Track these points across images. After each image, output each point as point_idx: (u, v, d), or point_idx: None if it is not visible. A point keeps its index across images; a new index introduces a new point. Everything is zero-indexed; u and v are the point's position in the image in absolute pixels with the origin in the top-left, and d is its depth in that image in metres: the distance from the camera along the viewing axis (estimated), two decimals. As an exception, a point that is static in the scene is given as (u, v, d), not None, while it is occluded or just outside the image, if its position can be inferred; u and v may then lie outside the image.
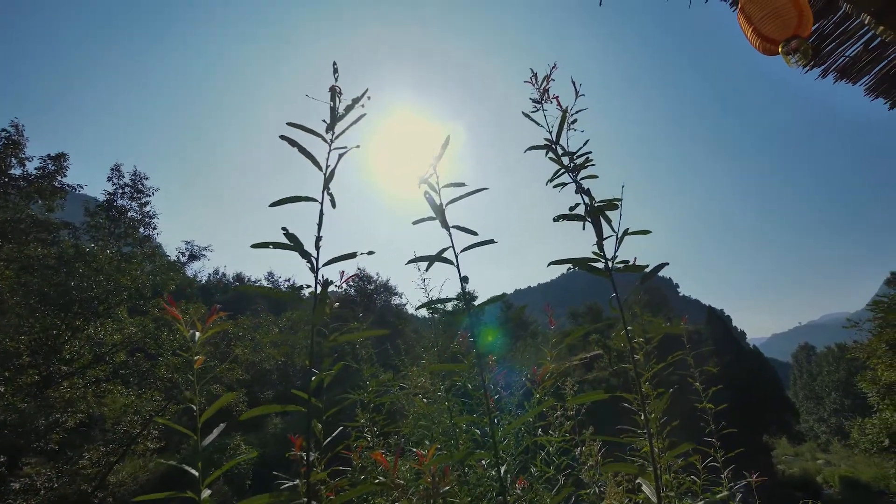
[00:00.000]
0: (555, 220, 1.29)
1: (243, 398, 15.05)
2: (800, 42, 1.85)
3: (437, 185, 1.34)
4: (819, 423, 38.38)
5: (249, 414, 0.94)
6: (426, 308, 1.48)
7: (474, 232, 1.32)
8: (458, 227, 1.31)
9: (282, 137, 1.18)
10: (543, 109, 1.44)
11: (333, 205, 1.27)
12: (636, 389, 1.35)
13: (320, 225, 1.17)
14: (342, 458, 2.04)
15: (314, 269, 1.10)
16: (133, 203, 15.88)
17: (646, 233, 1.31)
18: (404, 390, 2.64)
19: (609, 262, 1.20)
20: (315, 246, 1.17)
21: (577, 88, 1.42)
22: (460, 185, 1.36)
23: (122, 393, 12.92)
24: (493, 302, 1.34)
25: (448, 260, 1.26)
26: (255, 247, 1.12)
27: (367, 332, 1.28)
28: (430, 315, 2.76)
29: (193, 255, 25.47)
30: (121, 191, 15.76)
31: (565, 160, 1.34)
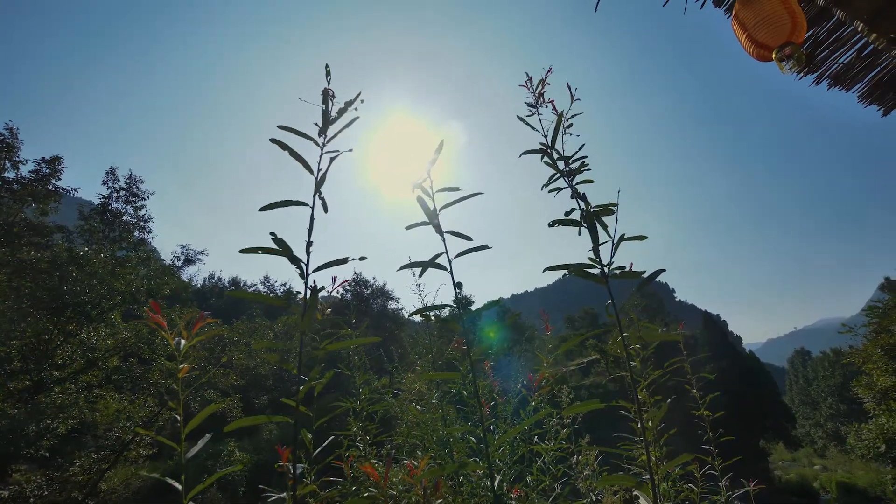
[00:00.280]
0: (550, 225, 1.27)
1: (238, 404, 14.88)
2: (793, 48, 1.85)
3: (432, 189, 1.32)
4: (815, 429, 38.39)
5: (234, 425, 0.91)
6: (419, 315, 1.46)
7: (469, 237, 1.30)
8: (452, 233, 1.28)
9: (272, 141, 1.16)
10: (539, 114, 1.43)
11: (325, 209, 1.25)
12: (633, 397, 1.32)
13: (311, 230, 1.14)
14: (334, 468, 2.00)
15: (304, 275, 1.08)
16: (128, 207, 15.80)
17: (642, 238, 1.29)
18: (398, 397, 2.60)
19: (605, 269, 1.18)
20: (305, 251, 1.14)
21: (572, 93, 1.41)
22: (454, 189, 1.34)
23: (114, 398, 12.75)
24: (487, 308, 1.31)
25: (441, 266, 1.24)
26: (244, 252, 1.09)
27: (359, 340, 1.25)
28: (425, 321, 2.73)
29: (189, 260, 25.32)
30: (116, 194, 15.69)
31: (561, 165, 1.33)
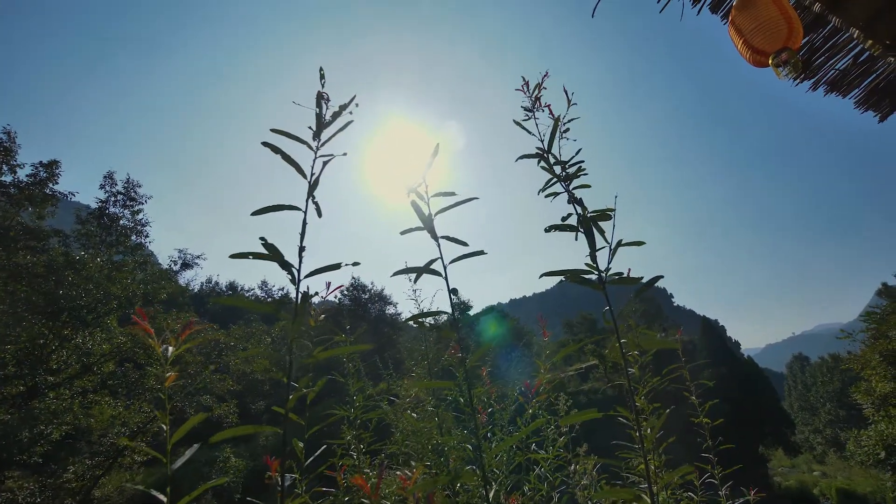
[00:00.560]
0: (546, 230, 1.26)
1: (234, 409, 14.77)
2: (790, 54, 1.85)
3: (427, 194, 1.30)
4: (814, 435, 38.25)
5: (219, 437, 0.88)
6: (414, 321, 1.43)
7: (464, 242, 1.28)
8: (448, 238, 1.26)
9: (264, 144, 1.14)
10: (536, 118, 1.42)
11: (319, 213, 1.23)
12: (631, 405, 1.30)
13: (303, 234, 1.12)
14: (327, 478, 1.96)
15: (295, 281, 1.06)
16: (125, 211, 15.78)
17: (640, 244, 1.27)
18: (394, 405, 2.57)
19: (602, 274, 1.17)
20: (297, 256, 1.12)
21: (569, 97, 1.40)
22: (450, 194, 1.33)
23: (109, 404, 12.64)
24: (483, 314, 1.30)
25: (436, 272, 1.22)
26: (234, 257, 1.07)
27: (352, 348, 1.23)
28: (419, 326, 2.71)
29: (186, 264, 25.22)
30: (113, 198, 15.67)
31: (557, 169, 1.31)
